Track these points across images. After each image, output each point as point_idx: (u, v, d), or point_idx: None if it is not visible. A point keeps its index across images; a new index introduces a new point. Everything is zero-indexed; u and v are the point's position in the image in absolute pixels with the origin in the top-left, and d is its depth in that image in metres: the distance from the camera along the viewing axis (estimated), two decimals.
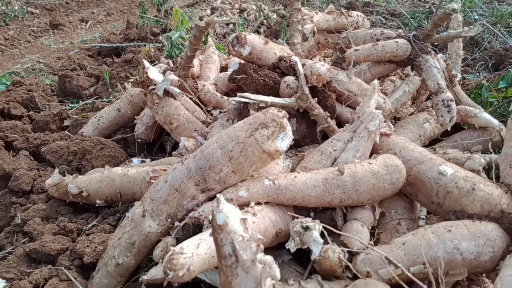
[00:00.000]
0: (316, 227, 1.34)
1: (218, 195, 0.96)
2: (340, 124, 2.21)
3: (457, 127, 2.58)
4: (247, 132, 1.54)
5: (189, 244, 1.24)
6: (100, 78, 4.58)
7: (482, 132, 2.45)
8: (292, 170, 1.88)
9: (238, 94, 1.88)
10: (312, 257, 1.34)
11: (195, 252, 1.22)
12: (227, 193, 1.56)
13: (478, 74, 4.06)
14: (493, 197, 1.49)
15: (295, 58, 1.95)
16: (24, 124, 3.33)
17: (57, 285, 1.53)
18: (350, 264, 1.45)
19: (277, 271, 0.89)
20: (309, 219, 1.39)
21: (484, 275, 1.55)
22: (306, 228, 1.33)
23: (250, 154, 1.53)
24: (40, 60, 6.11)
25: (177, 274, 1.15)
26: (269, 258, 0.90)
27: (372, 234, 1.68)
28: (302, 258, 1.71)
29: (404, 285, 1.31)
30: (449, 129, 2.33)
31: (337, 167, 1.62)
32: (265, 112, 1.56)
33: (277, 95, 2.04)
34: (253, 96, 1.89)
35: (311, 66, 1.91)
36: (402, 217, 1.71)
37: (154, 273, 1.52)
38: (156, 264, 1.59)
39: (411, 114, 2.60)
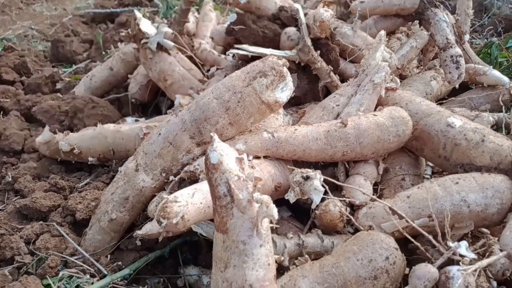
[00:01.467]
0: (317, 176, 1.27)
1: (212, 133, 0.88)
2: (344, 81, 2.11)
3: (465, 87, 2.49)
4: (244, 81, 1.44)
5: (183, 193, 1.18)
6: (93, 43, 4.44)
7: (490, 91, 2.36)
8: None
9: (236, 45, 1.77)
10: (313, 206, 1.29)
11: (190, 201, 1.16)
12: None
13: (486, 40, 3.92)
14: (503, 148, 1.42)
15: (297, 5, 1.83)
16: (17, 89, 3.23)
17: (48, 240, 1.48)
18: (352, 217, 1.40)
19: (274, 211, 0.83)
20: (309, 170, 1.32)
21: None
22: (307, 178, 1.27)
23: (248, 105, 1.45)
24: (33, 27, 5.91)
25: (171, 222, 1.09)
26: (266, 197, 0.84)
27: (375, 191, 1.62)
28: (302, 215, 1.66)
29: (409, 237, 1.26)
30: (457, 86, 2.23)
31: (340, 119, 1.54)
32: (264, 60, 1.46)
33: (277, 48, 1.93)
34: (251, 48, 1.79)
35: (314, 13, 1.80)
36: (407, 173, 1.64)
37: (149, 228, 1.47)
38: (151, 220, 1.54)
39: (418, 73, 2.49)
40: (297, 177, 1.28)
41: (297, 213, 1.69)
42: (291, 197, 1.30)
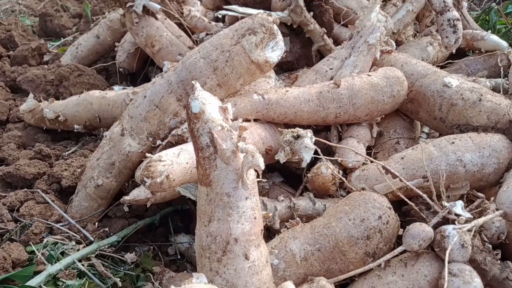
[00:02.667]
0: (308, 134, 1.22)
1: (193, 82, 0.83)
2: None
3: (462, 55, 2.43)
4: (233, 39, 1.38)
5: (168, 153, 1.13)
6: (82, 17, 4.30)
7: (488, 57, 2.29)
8: None
9: (225, 6, 1.69)
10: (303, 164, 1.24)
11: (175, 160, 1.11)
12: None
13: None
14: (501, 107, 1.37)
15: None
16: (4, 64, 3.13)
17: (33, 207, 1.44)
18: (344, 180, 1.36)
19: (260, 161, 0.78)
20: (300, 129, 1.27)
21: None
22: (297, 137, 1.22)
23: (237, 65, 1.38)
24: (20, 2, 5.73)
25: (155, 182, 1.04)
26: (251, 147, 0.79)
27: (369, 155, 1.57)
28: (294, 182, 1.62)
29: (404, 198, 1.23)
30: (454, 51, 2.17)
31: (333, 80, 1.48)
32: (253, 17, 1.39)
33: (268, 9, 1.85)
34: (241, 9, 1.72)
35: None
36: (401, 136, 1.60)
37: (137, 194, 1.43)
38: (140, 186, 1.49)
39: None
40: (288, 136, 1.24)
41: (289, 179, 1.65)
42: (281, 157, 1.25)
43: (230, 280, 0.78)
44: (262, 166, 0.78)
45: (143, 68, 2.44)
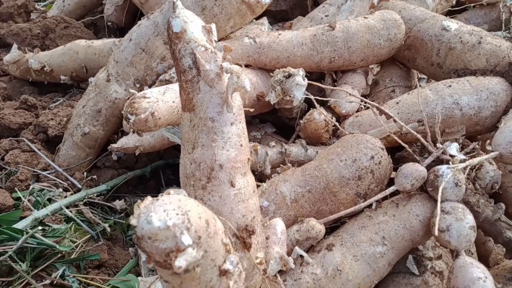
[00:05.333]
0: (300, 73, 1.17)
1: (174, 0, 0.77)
2: None
3: (462, 9, 2.34)
4: None
5: (153, 90, 1.08)
6: None
7: (489, 10, 2.22)
8: None
9: None
10: (295, 103, 1.20)
11: (161, 98, 1.06)
12: None
13: None
14: (502, 49, 1.32)
15: None
16: None
17: (18, 155, 1.40)
18: (338, 125, 1.32)
19: (246, 82, 0.74)
20: (291, 68, 1.22)
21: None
22: (289, 76, 1.17)
23: (227, 4, 1.32)
24: None
25: (140, 118, 1.00)
26: (237, 67, 0.74)
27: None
28: (286, 133, 1.59)
29: (399, 140, 1.19)
30: (454, 2, 2.10)
31: (328, 23, 1.42)
32: None
33: None
34: None
35: None
36: (397, 85, 1.56)
37: (125, 142, 1.39)
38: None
39: None
40: (279, 76, 1.19)
41: (281, 132, 1.62)
42: (272, 97, 1.21)
43: (215, 207, 0.76)
44: (248, 88, 0.74)
45: (132, 23, 2.34)
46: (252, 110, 0.85)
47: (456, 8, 2.09)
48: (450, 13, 2.28)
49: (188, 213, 0.52)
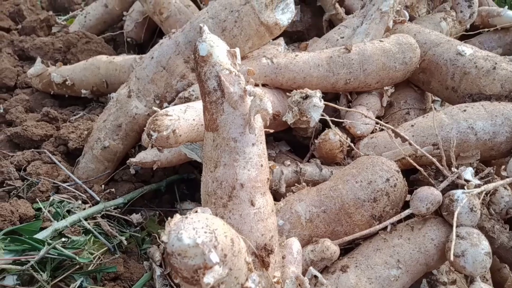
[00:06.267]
0: (317, 94, 1.20)
1: (201, 24, 0.81)
2: None
3: (476, 33, 2.37)
4: None
5: (175, 108, 1.11)
6: None
7: (503, 34, 2.23)
8: None
9: None
10: (311, 124, 1.22)
11: (182, 116, 1.10)
12: None
13: None
14: None
15: None
16: (12, 36, 3.12)
17: (40, 167, 1.44)
18: (352, 145, 1.34)
19: (268, 105, 0.76)
20: (308, 90, 1.25)
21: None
22: (306, 97, 1.20)
23: (246, 26, 1.36)
24: None
25: (162, 135, 1.03)
26: (259, 90, 0.77)
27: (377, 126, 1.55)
28: (301, 152, 1.61)
29: (414, 163, 1.20)
30: (468, 27, 2.12)
31: (344, 45, 1.45)
32: None
33: None
34: None
35: None
36: (412, 107, 1.57)
37: (143, 156, 1.42)
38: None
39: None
40: (296, 96, 1.22)
41: (296, 150, 1.64)
42: (289, 117, 1.23)
43: (236, 225, 0.78)
44: (270, 110, 0.77)
45: (150, 39, 2.42)
46: (272, 131, 0.87)
47: (471, 33, 2.11)
48: (464, 37, 2.31)
49: (215, 232, 0.55)
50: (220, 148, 0.80)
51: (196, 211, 0.57)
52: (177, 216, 0.56)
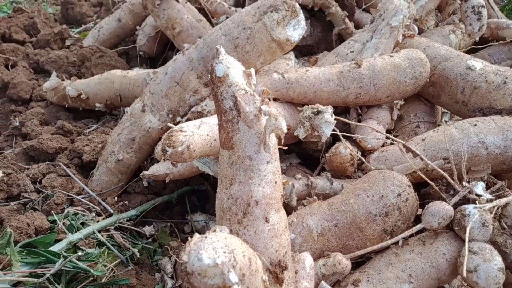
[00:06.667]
0: (328, 110, 1.22)
1: (217, 46, 0.83)
2: None
3: (485, 44, 2.37)
4: (254, 16, 1.38)
5: (189, 124, 1.14)
6: (103, 5, 4.37)
7: None
8: None
9: None
10: (323, 139, 1.24)
11: (196, 131, 1.12)
12: None
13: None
14: None
15: None
16: (26, 49, 3.20)
17: (55, 179, 1.47)
18: (363, 159, 1.35)
19: (283, 124, 0.78)
20: (320, 105, 1.26)
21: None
22: (317, 113, 1.21)
23: (258, 42, 1.39)
24: None
25: (176, 151, 1.05)
26: (274, 110, 0.79)
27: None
28: (311, 165, 1.62)
29: (424, 177, 1.21)
30: (477, 39, 2.13)
31: (354, 60, 1.47)
32: None
33: None
34: None
35: None
36: (422, 120, 1.58)
37: (156, 169, 1.45)
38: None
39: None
40: (308, 112, 1.23)
41: (306, 163, 1.65)
42: (300, 133, 1.25)
43: (250, 242, 0.79)
44: (285, 130, 0.79)
45: (162, 53, 2.47)
46: (285, 148, 0.89)
47: (480, 46, 2.12)
48: (473, 49, 2.32)
49: (234, 251, 0.56)
50: (236, 165, 0.82)
51: (215, 230, 0.59)
52: (197, 236, 0.58)
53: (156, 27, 2.30)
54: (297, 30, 1.42)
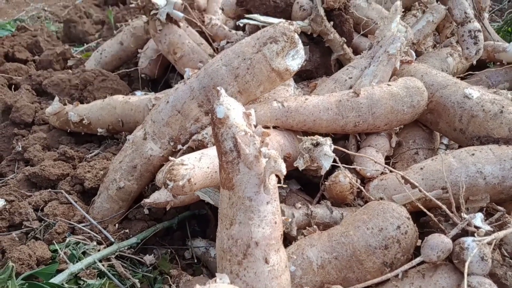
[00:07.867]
0: (327, 142, 1.23)
1: (218, 88, 0.85)
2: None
3: (482, 66, 2.40)
4: (254, 47, 1.41)
5: (190, 157, 1.15)
6: (105, 24, 4.43)
7: (509, 69, 2.26)
8: None
9: (246, 15, 1.73)
10: (322, 172, 1.25)
11: (197, 164, 1.13)
12: None
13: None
14: None
15: None
16: (30, 68, 3.23)
17: (57, 207, 1.48)
18: (362, 188, 1.36)
19: (283, 166, 0.80)
20: (319, 137, 1.28)
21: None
22: (317, 145, 1.23)
23: (258, 72, 1.41)
24: (46, 8, 5.92)
25: (177, 185, 1.07)
26: (274, 152, 0.81)
27: (387, 165, 1.57)
28: (311, 190, 1.63)
29: (423, 208, 1.22)
30: (474, 63, 2.16)
31: (353, 89, 1.49)
32: (274, 26, 1.42)
33: (289, 18, 1.88)
34: (262, 18, 1.75)
35: None
36: (421, 147, 1.60)
37: (157, 197, 1.46)
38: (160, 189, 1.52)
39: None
40: (307, 143, 1.25)
41: (306, 187, 1.66)
42: (300, 164, 1.27)
43: (250, 283, 0.80)
44: (284, 172, 0.80)
45: (164, 75, 2.50)
46: (285, 186, 0.90)
47: (476, 72, 2.14)
48: (470, 70, 2.34)
49: None
50: (236, 206, 0.83)
51: (216, 281, 0.59)
52: (197, 287, 0.58)
53: (158, 50, 2.33)
54: (296, 60, 1.45)
